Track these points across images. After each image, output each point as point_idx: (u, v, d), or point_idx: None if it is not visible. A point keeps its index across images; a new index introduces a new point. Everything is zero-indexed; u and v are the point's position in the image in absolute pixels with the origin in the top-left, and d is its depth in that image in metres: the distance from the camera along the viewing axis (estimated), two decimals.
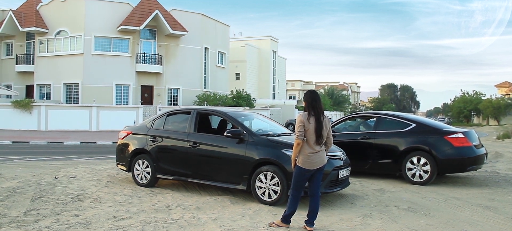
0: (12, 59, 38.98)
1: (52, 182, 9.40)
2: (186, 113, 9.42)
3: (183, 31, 37.18)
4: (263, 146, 7.93)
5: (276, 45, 65.92)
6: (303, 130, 5.73)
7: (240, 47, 58.47)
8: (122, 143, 9.95)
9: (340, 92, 78.60)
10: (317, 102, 5.81)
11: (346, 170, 8.06)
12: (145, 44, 37.52)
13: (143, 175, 9.37)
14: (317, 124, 5.71)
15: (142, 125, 9.98)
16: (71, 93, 36.31)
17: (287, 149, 7.58)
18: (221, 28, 44.26)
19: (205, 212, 6.95)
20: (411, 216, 6.94)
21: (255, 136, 8.15)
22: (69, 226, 5.96)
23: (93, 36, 35.34)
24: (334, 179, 7.73)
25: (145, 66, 36.80)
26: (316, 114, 5.74)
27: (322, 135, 5.78)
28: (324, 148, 5.93)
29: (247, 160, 7.97)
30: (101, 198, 7.93)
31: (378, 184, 9.84)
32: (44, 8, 37.37)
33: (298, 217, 6.41)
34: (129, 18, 35.74)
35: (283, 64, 72.36)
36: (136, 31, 36.23)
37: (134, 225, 6.08)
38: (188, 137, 8.84)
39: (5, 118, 31.37)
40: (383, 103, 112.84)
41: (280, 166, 7.56)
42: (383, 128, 10.54)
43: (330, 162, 7.49)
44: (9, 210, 6.86)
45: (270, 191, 7.64)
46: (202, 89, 40.02)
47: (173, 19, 37.35)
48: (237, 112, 9.26)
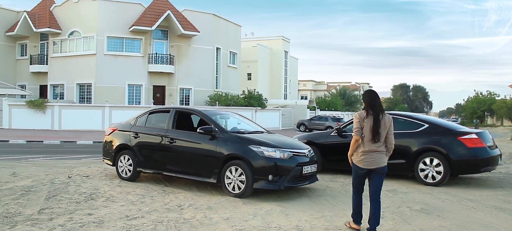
0: (27, 60, 39.36)
1: (66, 181, 9.49)
2: (166, 112, 10.05)
3: (195, 32, 37.27)
4: (232, 142, 8.49)
5: (287, 45, 65.84)
6: (360, 127, 5.73)
7: (252, 47, 58.46)
8: (108, 139, 10.58)
9: (352, 93, 78.25)
10: (375, 101, 5.77)
11: (311, 166, 8.58)
12: (157, 45, 37.66)
13: (126, 169, 9.98)
14: (374, 122, 5.67)
15: (127, 122, 10.58)
16: (84, 93, 36.57)
17: (253, 145, 8.24)
18: (232, 28, 44.30)
19: (217, 212, 6.96)
20: (423, 217, 6.89)
21: (225, 133, 8.73)
22: (82, 225, 6.01)
23: (105, 36, 35.56)
24: (298, 174, 8.26)
25: (157, 66, 36.94)
26: (375, 113, 5.70)
27: (380, 133, 5.69)
28: (383, 149, 5.81)
29: (217, 155, 8.51)
30: (114, 197, 7.98)
31: (391, 184, 9.79)
32: (58, 9, 37.68)
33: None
34: (141, 19, 35.92)
35: (295, 64, 72.26)
36: (148, 32, 36.38)
37: (146, 224, 6.10)
38: (166, 133, 9.41)
39: (20, 117, 31.72)
40: (395, 103, 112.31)
41: (246, 160, 8.13)
42: (395, 128, 10.42)
43: (294, 158, 8.27)
44: (23, 208, 6.93)
45: (236, 184, 8.21)
46: (214, 90, 40.08)
47: (185, 19, 37.46)
48: (212, 111, 9.89)
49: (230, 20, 43.91)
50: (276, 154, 8.16)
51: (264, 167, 8.05)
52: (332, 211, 7.18)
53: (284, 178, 8.08)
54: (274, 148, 8.26)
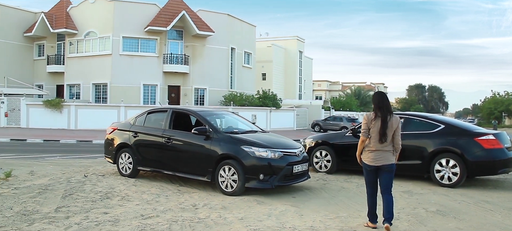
0: (44, 60, 39.85)
1: (82, 180, 9.58)
2: (163, 111, 10.34)
3: (210, 32, 37.37)
4: (225, 142, 8.75)
5: (302, 45, 65.65)
6: (367, 128, 6.02)
7: (266, 48, 58.40)
8: (109, 138, 10.95)
9: (367, 93, 77.82)
10: (383, 103, 6.02)
11: (302, 166, 8.86)
12: (172, 45, 37.84)
13: (126, 166, 10.33)
14: (382, 123, 5.92)
15: (127, 121, 11.01)
16: (99, 93, 36.89)
17: (245, 146, 8.52)
18: (247, 29, 44.32)
19: (231, 212, 6.97)
20: (439, 219, 6.82)
21: (219, 133, 9.01)
22: (98, 223, 6.06)
23: (121, 37, 35.83)
24: (289, 173, 8.53)
25: (172, 66, 37.12)
26: (382, 115, 5.96)
27: (386, 134, 5.94)
28: (389, 149, 6.03)
29: (211, 154, 8.78)
30: (129, 196, 8.03)
31: (406, 185, 9.72)
32: (74, 10, 38.07)
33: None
34: (156, 19, 36.12)
35: (309, 65, 72.05)
36: (163, 32, 36.57)
37: (161, 224, 6.14)
38: (163, 133, 9.71)
39: (37, 117, 32.13)
40: (411, 104, 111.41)
41: (238, 160, 8.39)
42: (411, 129, 10.38)
43: (285, 158, 8.54)
44: (41, 206, 7.01)
45: (229, 182, 8.49)
46: (229, 90, 40.13)
47: (199, 19, 37.58)
48: (207, 112, 10.16)
49: (244, 20, 43.94)
50: (267, 154, 8.41)
51: (255, 166, 8.30)
52: (347, 212, 7.15)
53: (275, 177, 8.35)
54: (265, 148, 8.52)
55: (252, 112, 38.06)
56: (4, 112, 31.98)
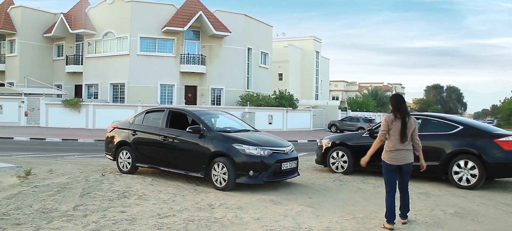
0: (63, 60, 40.34)
1: (99, 178, 9.67)
2: (160, 111, 10.77)
3: (226, 32, 37.44)
4: (218, 140, 9.20)
5: (319, 45, 65.45)
6: (387, 129, 6.25)
7: (283, 48, 58.34)
8: (110, 136, 11.39)
9: (384, 93, 77.28)
10: (402, 105, 6.30)
11: (291, 163, 9.32)
12: (189, 45, 37.99)
13: (125, 163, 10.81)
14: (402, 124, 6.17)
15: (126, 120, 11.44)
16: (117, 93, 37.21)
17: (236, 143, 8.97)
18: (264, 29, 44.31)
19: (248, 212, 6.98)
20: (457, 221, 6.74)
21: (212, 131, 9.44)
22: (115, 222, 6.11)
23: (138, 37, 36.09)
24: (278, 170, 9.01)
25: (189, 66, 37.26)
26: (402, 115, 6.21)
27: (406, 134, 6.19)
28: (410, 148, 6.28)
29: (205, 152, 9.23)
30: (146, 196, 8.09)
31: (423, 187, 9.63)
32: (92, 11, 38.46)
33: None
34: (173, 20, 36.31)
35: (326, 65, 71.79)
36: (180, 32, 36.75)
37: (177, 223, 6.16)
38: (160, 132, 10.17)
39: (56, 116, 32.55)
40: (429, 104, 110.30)
41: (229, 157, 8.84)
42: (429, 130, 10.28)
43: (274, 155, 9.01)
44: (59, 204, 7.10)
45: (221, 178, 8.94)
46: (245, 90, 40.15)
47: (216, 20, 37.68)
48: (201, 111, 10.59)
49: (261, 21, 43.92)
50: (257, 151, 8.87)
51: (245, 163, 8.75)
52: (363, 213, 7.11)
53: (264, 173, 8.82)
54: (255, 145, 8.97)
55: (269, 113, 38.07)
56: (24, 112, 32.46)
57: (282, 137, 10.68)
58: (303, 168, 12.89)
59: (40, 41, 40.07)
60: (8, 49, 40.20)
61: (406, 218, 6.44)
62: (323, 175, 11.30)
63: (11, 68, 39.82)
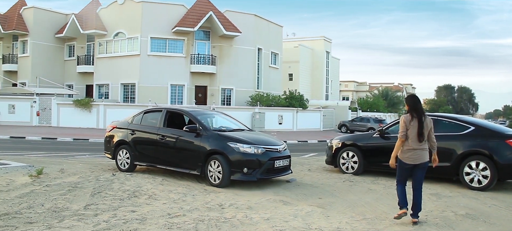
0: (74, 60, 40.64)
1: (110, 178, 9.72)
2: (158, 111, 11.12)
3: (237, 32, 37.47)
4: (213, 139, 9.58)
5: (329, 45, 65.30)
6: (405, 130, 6.40)
7: (293, 48, 58.28)
8: (109, 135, 11.74)
9: (395, 94, 76.78)
10: (418, 105, 6.48)
11: (283, 161, 9.73)
12: (199, 45, 38.07)
13: (124, 162, 11.13)
14: (419, 124, 6.35)
15: (125, 120, 11.79)
16: (128, 93, 37.39)
17: (231, 142, 9.36)
18: (274, 29, 44.28)
19: (257, 212, 6.98)
20: (469, 222, 6.69)
21: (208, 130, 9.84)
22: (125, 221, 6.14)
23: (149, 37, 36.24)
24: (271, 167, 9.40)
25: (199, 66, 37.35)
26: (418, 116, 6.38)
27: (423, 133, 6.37)
28: (426, 147, 6.46)
29: (201, 150, 9.63)
30: (156, 195, 8.11)
31: (434, 188, 9.57)
32: (103, 11, 38.70)
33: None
34: (183, 20, 36.41)
35: (336, 65, 71.60)
36: (190, 33, 36.84)
37: (187, 223, 6.17)
38: (158, 131, 10.54)
39: (67, 116, 32.79)
40: (439, 105, 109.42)
41: (224, 155, 9.22)
42: (440, 131, 10.19)
43: (267, 153, 9.38)
44: (70, 203, 7.15)
45: (215, 175, 9.34)
46: (255, 90, 40.15)
47: (226, 20, 37.72)
48: (198, 111, 10.94)
49: (271, 21, 43.91)
50: (251, 150, 9.26)
51: (240, 160, 9.15)
52: (373, 214, 7.08)
53: (258, 170, 9.20)
54: (249, 144, 9.36)
55: (279, 113, 38.05)
56: (36, 112, 32.74)
57: (292, 137, 10.86)
58: (313, 168, 12.87)
59: (51, 42, 40.41)
60: (21, 49, 40.58)
61: (417, 217, 6.50)
62: (333, 176, 11.28)
63: (23, 68, 40.20)
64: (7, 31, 39.31)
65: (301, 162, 14.59)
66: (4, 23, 39.71)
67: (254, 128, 35.12)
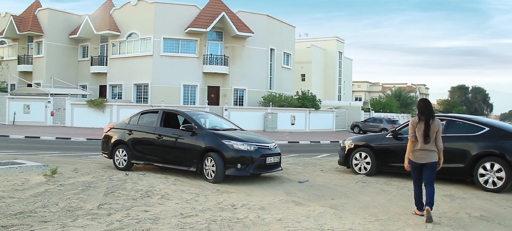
0: (88, 61, 40.99)
1: (123, 178, 9.79)
2: (155, 112, 11.67)
3: (249, 33, 37.50)
4: (209, 137, 10.15)
5: (342, 46, 65.08)
6: (413, 132, 6.90)
7: (306, 48, 58.18)
8: (106, 135, 12.17)
9: (408, 94, 76.27)
10: (425, 109, 6.91)
11: (274, 158, 10.35)
12: (212, 46, 38.16)
13: (121, 160, 11.47)
14: (425, 126, 6.78)
15: (122, 121, 12.38)
16: (141, 93, 37.60)
17: (225, 140, 9.94)
18: (286, 29, 44.23)
19: (270, 212, 6.97)
20: (483, 224, 6.62)
21: (203, 129, 10.43)
22: (138, 221, 6.17)
23: (162, 38, 36.41)
24: (262, 163, 10.03)
25: (211, 67, 37.45)
26: (425, 119, 6.82)
27: (429, 135, 6.78)
28: (433, 148, 6.84)
29: (197, 148, 10.16)
30: (169, 195, 8.15)
31: (448, 189, 9.49)
32: (117, 12, 38.96)
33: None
34: (196, 21, 36.52)
35: (349, 65, 71.34)
36: (203, 33, 36.94)
37: (200, 223, 6.19)
38: (155, 130, 11.05)
39: (81, 116, 33.07)
40: (453, 105, 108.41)
41: (219, 152, 9.80)
42: (453, 131, 10.13)
43: (259, 150, 10.00)
44: (84, 203, 7.21)
45: (210, 171, 9.88)
46: (268, 90, 40.13)
47: (239, 20, 37.77)
48: (193, 112, 11.49)
49: (284, 21, 43.86)
50: (244, 147, 9.87)
51: (234, 157, 9.75)
52: (386, 215, 7.04)
53: (251, 166, 9.84)
54: (242, 142, 9.97)
55: (291, 113, 38.01)
56: (50, 112, 33.07)
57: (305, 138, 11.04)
58: (326, 169, 12.84)
59: (66, 43, 40.82)
60: (36, 50, 41.04)
61: (431, 206, 6.73)
62: (345, 176, 11.24)
63: (38, 69, 40.65)
64: (23, 32, 39.78)
65: (314, 163, 14.56)
66: (19, 25, 40.18)
67: (266, 129, 35.22)
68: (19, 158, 12.90)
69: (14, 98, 33.57)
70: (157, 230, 5.79)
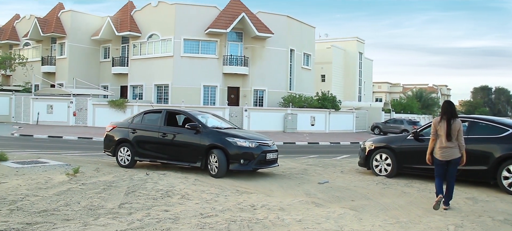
0: (109, 62, 41.48)
1: (144, 177, 9.87)
2: (158, 112, 12.27)
3: (269, 33, 37.49)
4: (213, 135, 10.84)
5: (362, 46, 64.61)
6: (435, 131, 7.63)
7: (326, 49, 57.91)
8: (109, 134, 12.64)
9: (429, 95, 75.35)
10: (447, 110, 7.59)
11: (273, 154, 11.12)
12: (232, 47, 38.26)
13: (125, 158, 11.98)
14: (447, 126, 7.46)
15: (125, 120, 12.88)
16: (161, 93, 37.89)
17: (229, 137, 10.67)
18: (306, 30, 44.10)
19: (290, 213, 6.96)
20: (508, 229, 6.49)
21: (207, 128, 11.08)
22: (159, 221, 6.21)
23: (182, 39, 36.64)
24: (263, 159, 10.78)
25: (231, 68, 37.53)
26: (447, 119, 7.50)
27: (451, 134, 7.46)
28: (455, 146, 7.50)
29: (201, 145, 10.81)
30: (189, 195, 8.19)
31: (470, 192, 9.34)
32: (138, 14, 39.34)
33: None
34: (216, 21, 36.66)
35: (369, 66, 70.78)
36: (223, 34, 37.06)
37: (220, 223, 6.20)
38: (160, 129, 11.61)
39: (102, 116, 33.43)
40: (476, 107, 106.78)
41: (223, 149, 10.49)
42: (476, 133, 9.96)
43: (260, 147, 10.76)
44: (105, 202, 7.29)
45: (214, 167, 10.49)
46: (288, 91, 40.06)
47: (259, 21, 37.78)
48: (196, 112, 12.21)
49: (304, 22, 43.72)
50: (246, 144, 10.61)
51: (237, 153, 10.46)
52: (407, 217, 6.96)
53: (253, 161, 10.57)
54: (244, 139, 10.74)
55: (311, 114, 37.89)
56: (73, 112, 33.53)
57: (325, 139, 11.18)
58: (346, 170, 12.76)
59: (88, 44, 41.41)
60: (59, 51, 41.73)
61: (448, 205, 7.57)
62: (366, 178, 11.15)
63: (61, 70, 41.30)
64: (46, 34, 40.51)
65: (334, 164, 14.49)
66: (43, 27, 40.93)
67: (286, 129, 35.19)
68: (43, 157, 13.13)
69: (38, 98, 34.15)
70: (177, 229, 5.82)
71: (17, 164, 11.10)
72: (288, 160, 15.40)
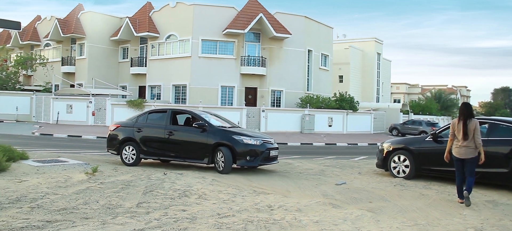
0: (128, 62, 41.84)
1: (161, 177, 9.94)
2: (163, 112, 12.69)
3: (287, 34, 37.44)
4: (219, 133, 11.36)
5: (380, 47, 64.12)
6: (453, 131, 8.20)
7: (344, 49, 57.59)
8: (113, 134, 12.85)
9: (448, 96, 74.43)
10: (464, 111, 8.09)
11: (275, 151, 11.73)
12: (250, 47, 38.30)
13: (129, 157, 12.22)
14: (463, 125, 7.97)
15: (129, 120, 13.17)
16: (179, 94, 38.08)
17: (236, 135, 11.21)
18: (324, 30, 43.94)
19: (307, 214, 6.94)
20: None
21: (213, 127, 11.55)
22: (176, 220, 6.25)
23: (200, 39, 36.78)
24: (267, 156, 11.36)
25: (249, 68, 37.56)
26: (464, 119, 8.01)
27: (467, 133, 7.94)
28: (471, 145, 7.95)
29: (208, 143, 11.27)
30: (206, 195, 8.22)
31: (490, 194, 9.21)
32: (156, 14, 39.62)
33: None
34: (234, 22, 36.74)
35: (387, 67, 70.20)
36: (241, 34, 37.13)
37: (237, 223, 6.21)
38: (166, 128, 11.94)
39: (121, 116, 33.56)
40: (496, 108, 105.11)
41: (231, 146, 11.02)
42: (497, 135, 9.82)
43: (264, 144, 11.34)
44: (123, 201, 7.36)
45: (221, 163, 11.03)
46: (305, 92, 39.94)
47: (276, 22, 37.74)
48: (200, 112, 12.66)
49: (321, 22, 43.56)
50: (252, 141, 11.19)
51: (244, 150, 11.01)
52: (425, 220, 6.89)
53: (258, 158, 11.16)
54: (250, 137, 11.32)
55: (329, 115, 37.76)
56: (92, 112, 33.89)
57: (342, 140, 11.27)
58: (363, 171, 12.69)
59: (107, 45, 41.85)
60: (78, 52, 42.26)
61: (469, 192, 7.95)
62: (384, 179, 11.07)
63: (80, 70, 41.82)
64: (66, 35, 41.07)
65: (351, 165, 14.41)
66: (63, 28, 41.50)
67: (303, 130, 35.14)
68: (62, 156, 13.30)
69: (58, 98, 34.58)
70: (195, 229, 5.85)
71: (37, 163, 11.27)
72: (306, 161, 15.36)
